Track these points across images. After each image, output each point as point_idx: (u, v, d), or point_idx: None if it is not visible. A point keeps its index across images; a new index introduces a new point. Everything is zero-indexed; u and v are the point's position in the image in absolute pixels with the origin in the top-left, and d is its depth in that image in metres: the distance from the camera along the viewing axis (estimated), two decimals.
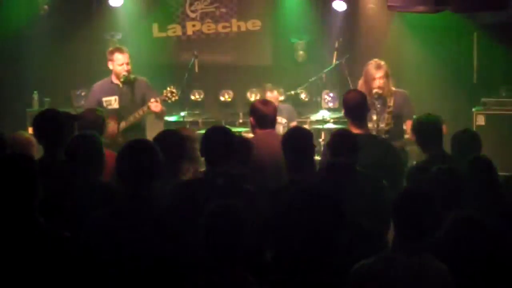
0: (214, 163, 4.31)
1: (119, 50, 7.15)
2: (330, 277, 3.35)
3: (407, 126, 6.92)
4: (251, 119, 5.73)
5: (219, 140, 4.36)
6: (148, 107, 6.87)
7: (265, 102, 5.93)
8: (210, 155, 4.35)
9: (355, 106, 5.43)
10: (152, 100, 6.86)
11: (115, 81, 7.05)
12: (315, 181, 4.40)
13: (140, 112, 6.91)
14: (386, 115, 6.73)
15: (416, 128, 5.36)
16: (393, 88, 6.88)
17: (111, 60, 7.10)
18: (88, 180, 4.29)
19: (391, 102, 6.78)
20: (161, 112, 7.02)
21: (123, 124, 6.81)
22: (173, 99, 7.04)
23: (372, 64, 6.89)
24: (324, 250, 3.22)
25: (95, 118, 5.67)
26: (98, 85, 7.27)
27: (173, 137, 4.81)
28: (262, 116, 5.64)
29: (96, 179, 4.36)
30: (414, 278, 3.32)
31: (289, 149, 4.53)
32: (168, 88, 7.04)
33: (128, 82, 7.04)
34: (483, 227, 3.47)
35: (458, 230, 3.23)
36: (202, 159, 4.52)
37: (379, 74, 6.75)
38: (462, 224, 3.31)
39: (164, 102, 6.99)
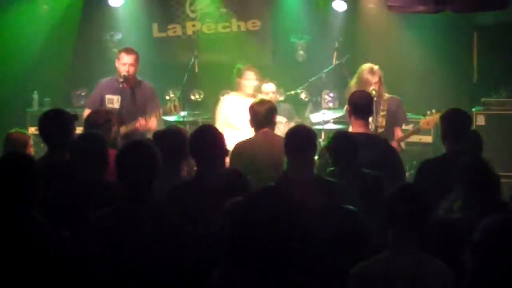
0: (206, 163, 4.32)
1: (126, 50, 7.18)
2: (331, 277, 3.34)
3: (396, 133, 7.03)
4: (249, 119, 5.86)
5: (209, 139, 4.38)
6: (135, 124, 6.89)
7: (261, 101, 6.00)
8: (201, 154, 4.36)
9: (363, 105, 5.45)
10: (141, 119, 6.87)
11: (121, 80, 7.07)
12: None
13: (130, 126, 6.89)
14: (380, 118, 6.83)
15: (446, 121, 5.22)
16: (386, 94, 7.01)
17: (118, 58, 7.15)
18: (91, 179, 4.29)
19: (385, 106, 6.89)
20: (147, 130, 6.98)
21: (123, 129, 6.78)
22: (174, 113, 7.15)
23: (366, 70, 7.01)
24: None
25: (100, 118, 5.67)
26: (105, 81, 7.32)
27: (174, 137, 4.82)
28: (255, 115, 5.74)
29: (99, 178, 4.36)
30: (415, 278, 3.32)
31: (292, 148, 4.52)
32: (172, 103, 7.09)
33: (130, 83, 7.06)
34: None
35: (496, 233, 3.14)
36: None
37: (375, 79, 6.90)
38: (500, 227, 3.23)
39: (165, 114, 7.09)
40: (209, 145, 4.38)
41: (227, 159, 5.33)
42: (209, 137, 4.43)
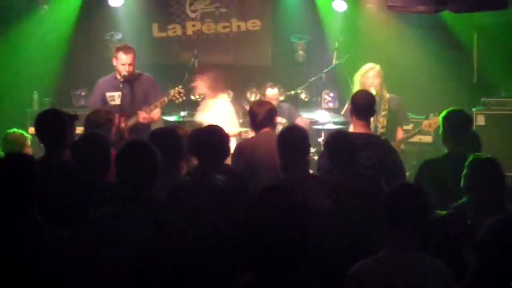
0: (209, 163, 4.32)
1: (124, 49, 7.17)
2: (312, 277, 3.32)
3: (398, 133, 7.05)
4: (249, 121, 5.95)
5: (214, 141, 4.39)
6: (137, 118, 6.91)
7: (260, 102, 6.12)
8: (205, 155, 4.36)
9: (364, 105, 5.46)
10: (142, 111, 6.89)
11: (119, 77, 7.09)
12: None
13: (133, 121, 6.93)
14: (381, 119, 6.83)
15: (448, 121, 5.17)
16: (387, 95, 7.02)
17: (115, 57, 7.15)
18: (91, 179, 4.29)
19: (386, 106, 6.91)
20: (151, 121, 7.01)
21: (126, 124, 6.83)
22: (180, 99, 7.10)
23: (367, 68, 7.06)
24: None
25: (100, 118, 5.68)
26: (103, 80, 7.36)
27: (171, 137, 4.81)
28: (254, 116, 5.80)
29: (101, 179, 4.35)
30: (413, 278, 3.32)
31: (283, 148, 4.54)
32: (176, 88, 7.09)
33: (130, 79, 7.08)
34: None
35: (498, 233, 3.15)
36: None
37: (375, 76, 6.93)
38: (503, 227, 3.23)
39: (171, 102, 7.10)
40: (215, 147, 4.40)
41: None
42: (214, 138, 4.44)
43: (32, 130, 8.02)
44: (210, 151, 4.36)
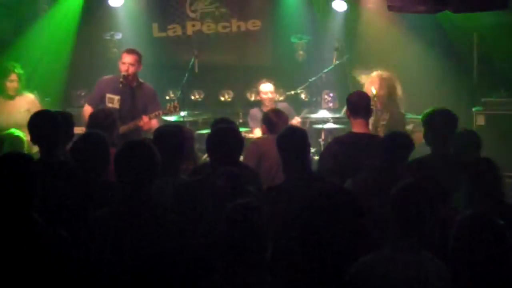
0: (219, 162, 4.33)
1: (128, 50, 7.27)
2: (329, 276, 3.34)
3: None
4: (263, 126, 6.41)
5: (228, 139, 4.41)
6: (138, 122, 6.99)
7: (277, 112, 6.47)
8: (217, 154, 4.38)
9: (362, 106, 5.47)
10: (145, 117, 7.00)
11: (121, 80, 7.10)
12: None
13: (132, 125, 6.98)
14: (379, 128, 6.90)
15: (428, 122, 5.18)
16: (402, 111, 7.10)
17: (121, 58, 7.18)
18: (91, 179, 4.29)
19: (386, 116, 6.97)
20: (149, 129, 7.06)
21: (122, 128, 6.83)
22: (174, 114, 7.38)
23: (371, 76, 7.16)
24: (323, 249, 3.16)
25: (107, 118, 5.68)
26: (106, 79, 7.35)
27: (172, 136, 4.82)
28: (271, 124, 6.23)
29: (100, 178, 4.35)
30: (413, 277, 3.32)
31: (284, 149, 4.55)
32: (172, 103, 7.30)
33: (131, 85, 7.10)
34: (494, 225, 3.40)
35: (469, 228, 3.19)
36: (199, 158, 4.53)
37: (371, 85, 7.04)
38: (473, 222, 3.27)
39: (165, 114, 7.30)
40: (233, 148, 4.43)
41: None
42: (233, 139, 4.49)
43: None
44: (229, 153, 4.40)
